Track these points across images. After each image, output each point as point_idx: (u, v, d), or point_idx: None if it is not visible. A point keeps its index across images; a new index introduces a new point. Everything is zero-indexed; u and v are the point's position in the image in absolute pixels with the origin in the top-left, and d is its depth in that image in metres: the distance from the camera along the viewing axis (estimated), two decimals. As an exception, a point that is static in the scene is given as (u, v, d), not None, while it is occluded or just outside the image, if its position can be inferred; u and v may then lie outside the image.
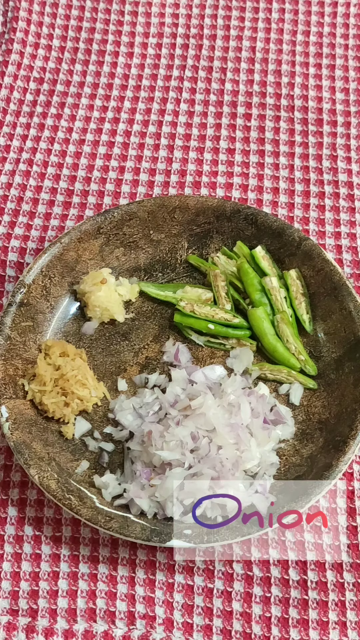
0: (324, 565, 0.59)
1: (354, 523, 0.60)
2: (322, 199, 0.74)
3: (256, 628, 0.57)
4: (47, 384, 0.61)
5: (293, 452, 0.62)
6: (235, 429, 0.59)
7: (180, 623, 0.57)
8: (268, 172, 0.76)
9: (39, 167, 0.76)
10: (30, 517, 0.60)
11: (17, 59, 0.81)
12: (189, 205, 0.68)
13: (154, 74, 0.81)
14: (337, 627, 0.57)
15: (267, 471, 0.60)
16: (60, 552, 0.59)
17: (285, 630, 0.57)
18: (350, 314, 0.64)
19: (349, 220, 0.73)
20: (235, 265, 0.68)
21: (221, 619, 0.57)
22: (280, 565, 0.59)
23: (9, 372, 0.62)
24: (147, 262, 0.69)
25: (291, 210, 0.74)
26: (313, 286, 0.66)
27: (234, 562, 0.59)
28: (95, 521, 0.56)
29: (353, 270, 0.71)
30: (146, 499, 0.58)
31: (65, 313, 0.67)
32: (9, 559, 0.59)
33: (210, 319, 0.66)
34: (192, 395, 0.61)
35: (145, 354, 0.66)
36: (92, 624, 0.57)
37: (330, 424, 0.61)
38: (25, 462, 0.58)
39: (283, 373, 0.64)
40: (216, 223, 0.69)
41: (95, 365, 0.65)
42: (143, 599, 0.58)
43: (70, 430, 0.62)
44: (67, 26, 0.84)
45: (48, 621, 0.57)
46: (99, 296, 0.65)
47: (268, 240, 0.68)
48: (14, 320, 0.63)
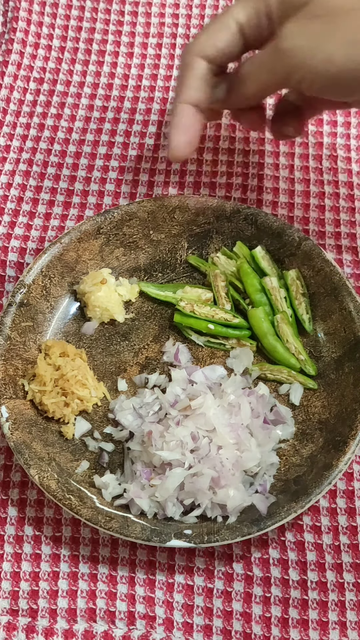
0: (324, 565, 0.59)
1: (354, 523, 0.60)
2: (322, 199, 0.74)
3: (256, 628, 0.57)
4: (47, 384, 0.61)
5: (293, 452, 0.62)
6: (235, 429, 0.59)
7: (180, 623, 0.57)
8: (268, 172, 0.76)
9: (39, 167, 0.76)
10: (30, 517, 0.60)
11: (17, 59, 0.81)
12: (189, 205, 0.68)
13: (154, 74, 0.81)
14: (337, 627, 0.57)
15: (267, 471, 0.60)
16: (60, 552, 0.59)
17: (285, 631, 0.57)
18: (350, 314, 0.64)
19: (349, 220, 0.73)
20: (235, 266, 0.68)
21: (221, 619, 0.57)
22: (280, 565, 0.59)
23: (9, 372, 0.62)
24: (147, 262, 0.69)
25: (291, 210, 0.74)
26: (313, 286, 0.66)
27: (234, 562, 0.59)
28: (95, 521, 0.56)
29: (353, 270, 0.71)
30: (146, 499, 0.58)
31: (65, 313, 0.67)
32: (9, 559, 0.59)
33: (210, 319, 0.66)
34: (192, 396, 0.61)
35: (145, 354, 0.66)
36: (92, 624, 0.57)
37: (330, 424, 0.61)
38: (25, 462, 0.58)
39: (283, 373, 0.64)
40: (216, 223, 0.69)
41: (95, 365, 0.65)
42: (143, 599, 0.58)
43: (70, 430, 0.62)
44: (67, 26, 0.84)
45: (48, 621, 0.57)
46: (99, 296, 0.65)
47: (268, 241, 0.68)
48: (14, 320, 0.63)
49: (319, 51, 0.54)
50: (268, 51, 0.57)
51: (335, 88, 0.56)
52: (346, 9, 0.54)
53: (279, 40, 0.55)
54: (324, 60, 0.54)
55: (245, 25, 0.59)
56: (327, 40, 0.54)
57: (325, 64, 0.54)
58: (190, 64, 0.60)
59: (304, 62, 0.54)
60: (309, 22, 0.55)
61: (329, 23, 0.54)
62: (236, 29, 0.59)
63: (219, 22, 0.60)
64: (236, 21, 0.59)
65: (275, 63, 0.56)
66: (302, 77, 0.55)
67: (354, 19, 0.54)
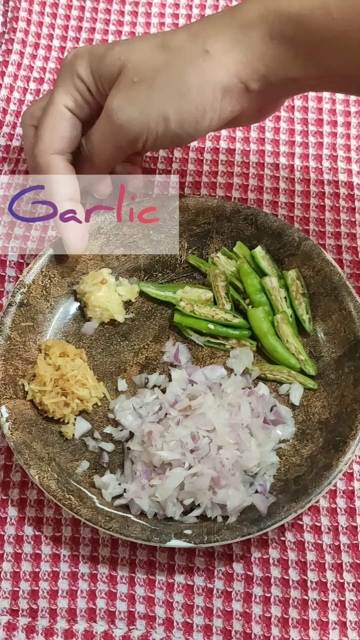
0: (324, 565, 0.59)
1: (354, 523, 0.60)
2: (322, 199, 0.74)
3: (256, 628, 0.57)
4: (47, 384, 0.61)
5: (293, 452, 0.62)
6: (235, 429, 0.59)
7: (181, 623, 0.57)
8: (268, 172, 0.76)
9: (39, 167, 0.76)
10: (30, 517, 0.60)
11: (17, 59, 0.81)
12: (188, 205, 0.68)
13: (154, 74, 0.81)
14: (337, 627, 0.57)
15: (267, 471, 0.60)
16: (60, 552, 0.59)
17: (285, 631, 0.57)
18: (350, 314, 0.64)
19: (348, 220, 0.73)
20: (235, 266, 0.68)
21: (221, 619, 0.57)
22: (280, 565, 0.59)
23: (9, 372, 0.62)
24: (147, 262, 0.69)
25: (291, 210, 0.74)
26: (313, 286, 0.66)
27: (234, 562, 0.59)
28: (95, 521, 0.56)
29: (353, 270, 0.71)
30: (146, 499, 0.58)
31: (65, 313, 0.67)
32: (9, 559, 0.59)
33: (210, 319, 0.66)
34: (192, 396, 0.61)
35: (145, 354, 0.66)
36: (92, 624, 0.57)
37: (330, 424, 0.61)
38: (26, 462, 0.58)
39: (283, 373, 0.64)
40: (216, 223, 0.69)
41: (95, 365, 0.65)
42: (143, 599, 0.58)
43: (70, 430, 0.62)
44: (67, 26, 0.84)
45: (48, 621, 0.57)
46: (99, 296, 0.65)
47: (268, 241, 0.68)
48: (14, 320, 0.63)
49: (153, 115, 0.58)
50: (106, 126, 0.60)
51: (175, 138, 0.60)
52: (157, 68, 0.58)
53: (112, 115, 0.59)
54: (159, 121, 0.58)
55: (74, 107, 0.62)
56: (155, 102, 0.58)
57: (162, 124, 0.58)
58: (49, 164, 0.62)
59: (143, 129, 0.58)
60: (131, 90, 0.58)
61: (149, 86, 0.58)
62: (70, 114, 0.62)
63: (51, 115, 0.62)
64: (65, 106, 0.62)
65: (116, 136, 0.60)
66: (145, 141, 0.59)
67: (168, 75, 0.57)
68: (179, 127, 0.58)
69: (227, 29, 0.57)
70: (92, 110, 0.63)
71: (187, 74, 0.57)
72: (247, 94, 0.58)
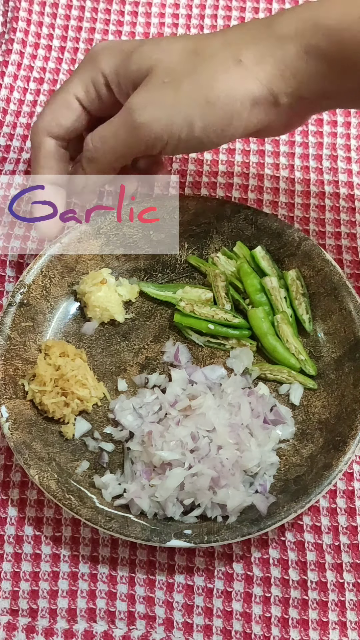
0: (324, 565, 0.59)
1: (354, 523, 0.60)
2: (322, 199, 0.74)
3: (256, 628, 0.57)
4: (47, 384, 0.61)
5: (293, 452, 0.62)
6: (235, 429, 0.59)
7: (180, 623, 0.57)
8: (268, 172, 0.76)
9: (39, 167, 0.76)
10: (30, 517, 0.60)
11: (17, 59, 0.81)
12: (188, 205, 0.68)
13: (154, 74, 0.81)
14: (337, 627, 0.57)
15: (267, 471, 0.60)
16: (60, 552, 0.59)
17: (286, 631, 0.57)
18: (350, 314, 0.64)
19: (349, 220, 0.73)
20: (235, 266, 0.68)
21: (221, 619, 0.57)
22: (280, 565, 0.59)
23: (9, 372, 0.62)
24: (147, 262, 0.69)
25: (291, 210, 0.74)
26: (313, 286, 0.66)
27: (234, 562, 0.59)
28: (95, 521, 0.56)
29: (353, 270, 0.71)
30: (146, 499, 0.58)
31: (65, 313, 0.67)
32: (9, 559, 0.59)
33: (210, 319, 0.66)
34: (192, 395, 0.61)
35: (145, 354, 0.66)
36: (92, 624, 0.57)
37: (330, 424, 0.61)
38: (26, 462, 0.58)
39: (283, 373, 0.64)
40: (216, 223, 0.69)
41: (95, 365, 0.65)
42: (143, 599, 0.58)
43: (70, 430, 0.62)
44: (67, 26, 0.84)
45: (48, 621, 0.57)
46: (99, 296, 0.65)
47: (268, 241, 0.68)
48: (14, 321, 0.63)
49: (178, 119, 0.57)
50: (122, 124, 0.59)
51: (198, 145, 0.59)
52: (188, 72, 0.57)
53: (133, 113, 0.57)
54: (184, 125, 0.57)
55: (85, 99, 0.62)
56: (182, 105, 0.56)
57: (186, 128, 0.57)
58: (40, 143, 0.62)
59: (165, 131, 0.57)
60: (158, 90, 0.57)
61: (178, 89, 0.57)
62: (77, 105, 0.62)
63: (59, 98, 0.62)
64: (75, 96, 0.61)
65: (133, 137, 0.58)
66: (165, 144, 0.58)
67: (198, 80, 0.57)
68: (203, 133, 0.57)
69: (262, 40, 0.56)
70: (104, 106, 0.62)
71: (218, 81, 0.56)
72: (276, 108, 0.57)
